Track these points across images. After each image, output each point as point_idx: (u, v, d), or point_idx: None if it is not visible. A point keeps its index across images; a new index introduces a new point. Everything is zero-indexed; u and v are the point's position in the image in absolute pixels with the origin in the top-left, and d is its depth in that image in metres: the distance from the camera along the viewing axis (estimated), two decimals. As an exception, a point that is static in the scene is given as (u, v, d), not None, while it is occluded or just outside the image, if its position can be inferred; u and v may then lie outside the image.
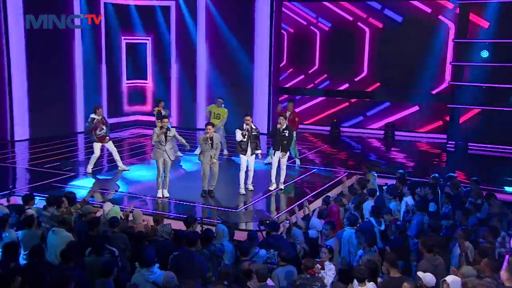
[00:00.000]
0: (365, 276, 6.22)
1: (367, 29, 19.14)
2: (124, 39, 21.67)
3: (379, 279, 6.65)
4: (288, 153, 12.39)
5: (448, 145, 17.28)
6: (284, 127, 11.76)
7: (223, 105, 15.34)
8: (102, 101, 19.78)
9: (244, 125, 11.62)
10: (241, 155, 11.74)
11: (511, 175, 14.59)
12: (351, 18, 19.31)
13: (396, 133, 18.66)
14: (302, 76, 20.42)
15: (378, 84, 19.02)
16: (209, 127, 11.45)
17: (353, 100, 19.60)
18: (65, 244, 7.18)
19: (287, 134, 11.67)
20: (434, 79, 17.97)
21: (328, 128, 19.61)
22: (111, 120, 16.94)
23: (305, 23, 20.09)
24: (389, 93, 19.02)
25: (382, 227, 9.00)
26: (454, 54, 17.38)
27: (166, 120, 11.44)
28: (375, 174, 12.14)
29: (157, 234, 8.15)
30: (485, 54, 16.36)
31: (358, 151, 17.73)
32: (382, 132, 18.87)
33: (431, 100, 18.31)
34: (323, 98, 20.03)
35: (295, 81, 20.64)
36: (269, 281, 6.63)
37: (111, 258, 6.83)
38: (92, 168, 13.14)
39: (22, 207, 9.30)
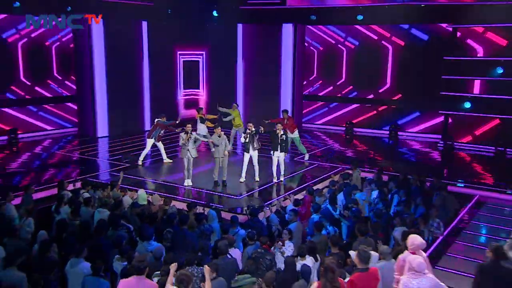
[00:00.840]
0: (304, 253, 6.76)
1: (390, 47, 18.85)
2: (180, 54, 21.81)
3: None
4: (287, 153, 12.93)
5: (439, 145, 17.19)
6: (282, 132, 12.32)
7: (237, 108, 16.10)
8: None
9: (247, 130, 12.39)
10: (245, 153, 12.43)
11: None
12: (376, 37, 19.13)
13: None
14: (331, 87, 20.40)
15: (400, 95, 18.76)
16: (219, 128, 12.33)
17: (380, 108, 19.28)
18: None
19: (284, 138, 12.24)
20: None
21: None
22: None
23: (333, 41, 20.11)
24: (411, 103, 18.62)
25: (337, 213, 9.47)
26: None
27: (188, 125, 12.13)
28: (359, 170, 12.42)
29: (166, 214, 8.92)
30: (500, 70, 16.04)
31: (363, 149, 17.52)
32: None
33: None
34: (356, 105, 19.78)
35: (325, 91, 20.62)
36: (232, 253, 7.15)
37: (125, 233, 7.61)
38: (142, 161, 13.93)
39: (78, 191, 10.20)
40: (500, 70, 16.08)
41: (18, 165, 14.64)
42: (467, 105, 16.69)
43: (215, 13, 20.35)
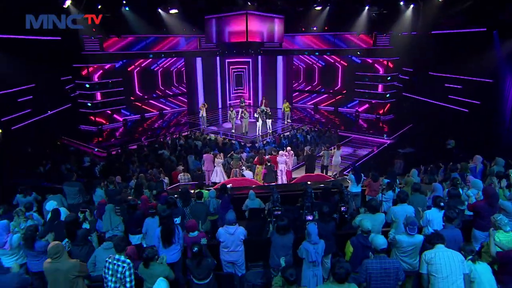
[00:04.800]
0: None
1: (340, 66, 21.00)
2: (232, 68, 23.45)
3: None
4: (271, 119, 16.26)
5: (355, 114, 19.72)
6: (269, 111, 16.60)
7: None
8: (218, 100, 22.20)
9: (259, 110, 16.58)
10: (257, 121, 16.21)
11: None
12: (332, 60, 21.10)
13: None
14: (310, 87, 22.44)
15: (345, 91, 20.65)
16: (245, 111, 16.23)
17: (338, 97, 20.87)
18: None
19: (271, 113, 16.69)
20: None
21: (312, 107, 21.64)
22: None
23: (311, 63, 22.02)
24: (354, 96, 20.14)
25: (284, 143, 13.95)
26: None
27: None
28: (306, 126, 16.69)
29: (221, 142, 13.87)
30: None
31: (315, 117, 19.52)
32: (353, 111, 20.44)
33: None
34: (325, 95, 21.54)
35: (307, 88, 22.58)
36: (243, 155, 11.63)
37: (206, 149, 12.37)
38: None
39: (189, 136, 15.11)
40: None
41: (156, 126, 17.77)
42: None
43: (250, 50, 21.46)
